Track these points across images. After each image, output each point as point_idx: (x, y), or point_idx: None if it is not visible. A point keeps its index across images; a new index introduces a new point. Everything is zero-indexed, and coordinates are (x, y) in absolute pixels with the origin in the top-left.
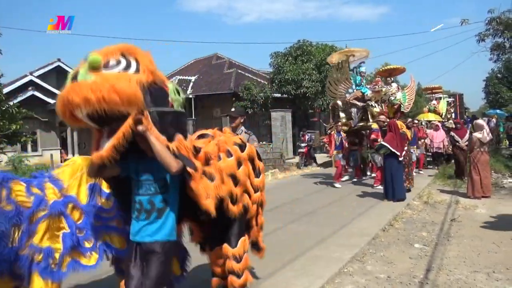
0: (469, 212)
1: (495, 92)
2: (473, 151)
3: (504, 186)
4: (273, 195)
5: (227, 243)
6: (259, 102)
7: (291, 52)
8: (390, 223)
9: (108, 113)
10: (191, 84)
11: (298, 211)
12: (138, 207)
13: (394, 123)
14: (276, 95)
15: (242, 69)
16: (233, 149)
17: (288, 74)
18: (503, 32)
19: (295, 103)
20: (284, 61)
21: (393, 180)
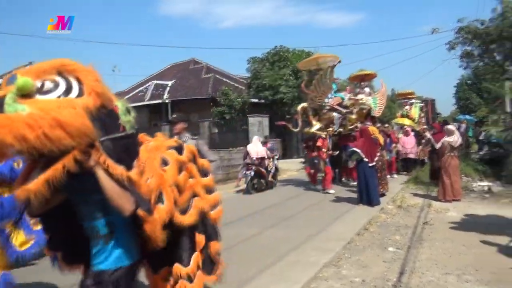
0: (441, 215)
1: (465, 98)
2: (444, 156)
3: (474, 189)
4: (252, 200)
5: (178, 261)
6: (236, 107)
7: (268, 57)
8: (365, 227)
9: (48, 149)
10: (167, 89)
11: (276, 216)
12: (86, 234)
13: (365, 128)
14: (253, 100)
15: (219, 74)
16: (168, 154)
17: (265, 80)
18: (472, 41)
19: (272, 109)
20: (262, 67)
21: (367, 185)
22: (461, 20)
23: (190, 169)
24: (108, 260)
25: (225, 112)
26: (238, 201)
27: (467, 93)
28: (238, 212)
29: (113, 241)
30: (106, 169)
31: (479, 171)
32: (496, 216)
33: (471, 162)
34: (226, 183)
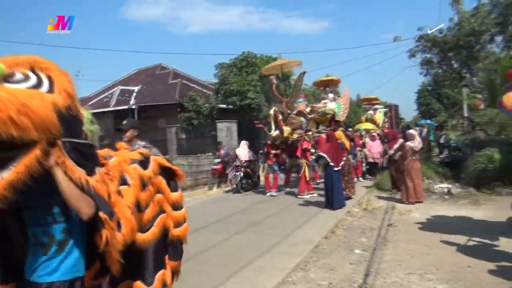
0: (404, 217)
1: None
2: (406, 159)
3: (435, 191)
4: (219, 206)
5: (140, 279)
6: (204, 112)
7: (236, 63)
8: (332, 231)
9: (7, 138)
10: (134, 94)
11: (244, 221)
12: (32, 241)
13: (332, 133)
14: (221, 106)
15: (187, 80)
16: (130, 171)
17: (233, 85)
18: (431, 49)
19: (240, 114)
20: (229, 72)
21: (333, 189)
22: (421, 29)
23: (158, 184)
24: (59, 270)
25: (193, 118)
26: (207, 207)
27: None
28: (206, 218)
29: (68, 249)
30: (65, 171)
31: (440, 174)
32: (455, 217)
33: (432, 165)
34: (194, 189)
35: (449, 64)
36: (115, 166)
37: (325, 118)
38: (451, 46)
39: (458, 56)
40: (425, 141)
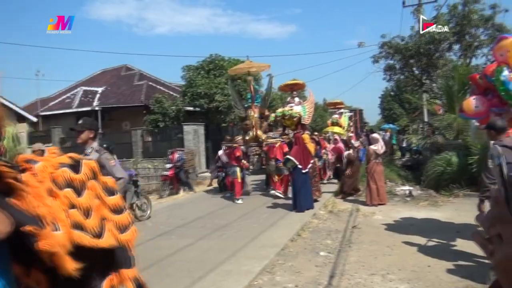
0: (368, 219)
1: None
2: (369, 163)
3: (397, 193)
4: (185, 210)
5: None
6: (171, 115)
7: (204, 66)
8: (298, 233)
9: None
10: (97, 95)
11: (210, 225)
12: None
13: (299, 136)
14: (188, 108)
15: (153, 81)
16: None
17: (200, 88)
18: (393, 55)
19: (208, 117)
20: (197, 75)
21: (301, 192)
22: (384, 36)
23: (93, 188)
24: None
25: (159, 120)
26: (172, 212)
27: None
28: (171, 222)
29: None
30: None
31: (402, 177)
32: (416, 218)
33: (395, 168)
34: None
35: (410, 70)
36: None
37: (292, 122)
38: (412, 53)
39: (419, 63)
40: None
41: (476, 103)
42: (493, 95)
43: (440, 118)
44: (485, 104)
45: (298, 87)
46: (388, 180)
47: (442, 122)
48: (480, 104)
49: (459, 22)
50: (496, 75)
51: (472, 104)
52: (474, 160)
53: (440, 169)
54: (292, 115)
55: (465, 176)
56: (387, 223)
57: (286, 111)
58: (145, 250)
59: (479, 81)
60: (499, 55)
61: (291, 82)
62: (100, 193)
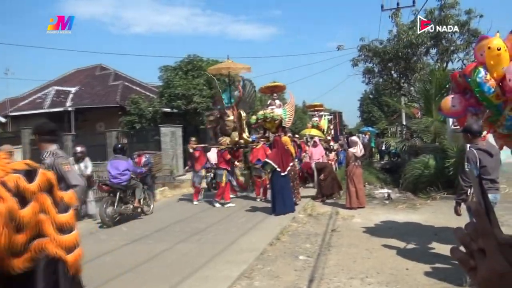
0: (347, 222)
1: (368, 111)
2: (349, 165)
3: (376, 196)
4: (162, 214)
5: None
6: (147, 116)
7: (181, 66)
8: (277, 237)
9: None
10: (70, 95)
11: (188, 229)
12: None
13: (279, 139)
14: (165, 109)
15: (129, 82)
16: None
17: (178, 89)
18: (372, 58)
19: (185, 119)
20: (174, 75)
21: (281, 195)
22: (363, 39)
23: (42, 202)
24: None
25: (135, 122)
26: (149, 216)
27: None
28: (148, 227)
29: None
30: None
31: (381, 179)
32: (394, 221)
33: (374, 170)
34: None
35: (389, 73)
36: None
37: (273, 124)
38: (390, 57)
39: (397, 66)
40: (367, 147)
41: (453, 102)
42: (471, 95)
43: (417, 122)
44: (462, 103)
45: (279, 89)
46: (367, 183)
47: (419, 126)
48: (457, 103)
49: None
50: (473, 76)
51: (449, 103)
52: (450, 163)
53: (418, 172)
54: (273, 118)
55: (442, 179)
56: (366, 226)
57: (267, 114)
58: (120, 256)
59: (458, 80)
60: (479, 55)
61: (271, 84)
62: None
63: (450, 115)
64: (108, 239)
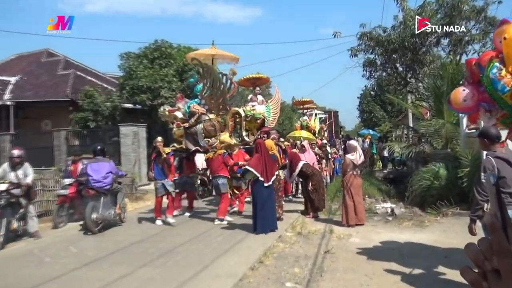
0: (343, 242)
1: (369, 111)
2: (346, 174)
3: (377, 212)
4: (121, 232)
5: None
6: (104, 113)
7: (147, 53)
8: (260, 260)
9: None
10: (10, 86)
11: (153, 250)
12: None
13: (262, 142)
14: (127, 105)
15: (82, 71)
16: None
17: (142, 80)
18: (374, 48)
19: (151, 116)
20: (138, 64)
21: (263, 210)
22: (363, 25)
23: None
24: None
25: (89, 119)
26: (103, 233)
27: (371, 105)
28: (102, 247)
29: None
30: None
31: (383, 192)
32: (398, 241)
33: (375, 181)
34: None
35: (393, 66)
36: None
37: (254, 124)
38: (395, 47)
39: (403, 59)
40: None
41: (465, 96)
42: (485, 88)
43: (427, 124)
44: (474, 97)
45: (261, 82)
46: (367, 196)
47: (429, 128)
48: (469, 98)
49: (448, 12)
50: (486, 70)
51: (461, 97)
52: (464, 173)
53: (426, 184)
54: (255, 117)
55: (454, 192)
56: (365, 247)
57: (247, 111)
58: (68, 284)
59: (473, 69)
60: (498, 42)
61: (253, 76)
62: None
63: (460, 110)
64: (53, 262)
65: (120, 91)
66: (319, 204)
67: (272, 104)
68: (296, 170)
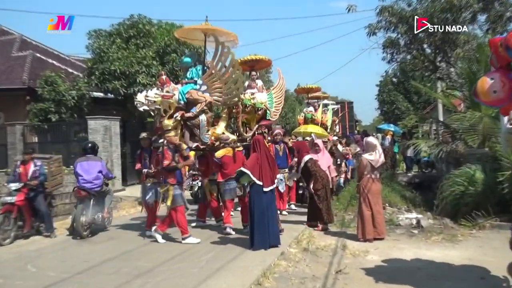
0: (359, 260)
1: (390, 101)
2: (363, 178)
3: (400, 223)
4: (89, 248)
5: None
6: (69, 104)
7: (121, 31)
8: (258, 282)
9: None
10: None
11: (128, 270)
12: None
13: (260, 139)
14: (96, 94)
15: (42, 52)
16: None
17: (115, 64)
18: (397, 26)
19: (126, 108)
20: (110, 45)
21: (262, 221)
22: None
23: None
24: None
25: (50, 111)
26: (68, 249)
27: (392, 94)
28: (67, 266)
29: None
30: None
31: (407, 199)
32: (425, 259)
33: (397, 186)
34: None
35: (420, 48)
36: None
37: (253, 116)
38: None
39: (432, 38)
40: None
41: (494, 86)
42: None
43: (460, 117)
44: (506, 86)
45: (262, 65)
46: (387, 204)
47: (463, 123)
48: (499, 88)
49: None
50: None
51: (489, 87)
52: (505, 176)
53: (459, 190)
54: (255, 107)
55: (493, 200)
56: (385, 266)
57: (246, 100)
58: None
59: (500, 51)
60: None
61: (251, 57)
62: None
63: (490, 104)
64: (8, 285)
65: (88, 77)
66: (328, 213)
67: (275, 92)
68: (301, 163)
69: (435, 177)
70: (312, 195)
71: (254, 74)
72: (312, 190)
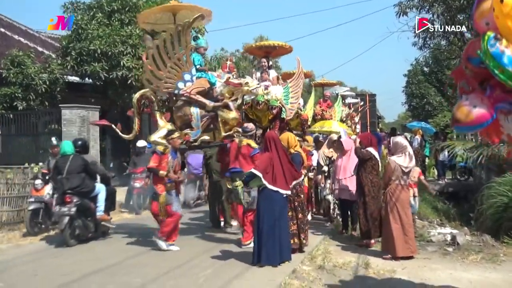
0: (384, 282)
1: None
2: (390, 185)
3: (432, 239)
4: (68, 259)
5: None
6: (39, 89)
7: (102, 4)
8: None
9: None
10: None
11: (113, 286)
12: None
13: (274, 136)
14: (72, 78)
15: (7, 28)
16: None
17: (95, 43)
18: (432, 5)
19: (107, 95)
20: (89, 20)
21: (272, 232)
22: None
23: None
24: None
25: (17, 98)
26: (46, 261)
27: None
28: (42, 280)
29: None
30: None
31: (439, 211)
32: (462, 282)
33: (428, 196)
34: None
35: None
36: None
37: (266, 114)
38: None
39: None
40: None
41: (473, 102)
42: (491, 86)
43: None
44: (484, 100)
45: (278, 53)
46: (416, 217)
47: None
48: (478, 102)
49: None
50: (483, 46)
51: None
52: None
53: (502, 201)
54: (270, 104)
55: None
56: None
57: (259, 97)
58: None
59: (466, 73)
60: (483, 25)
61: (269, 43)
62: None
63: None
64: None
65: (62, 58)
66: (374, 225)
67: (292, 86)
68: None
69: (473, 186)
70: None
71: (265, 63)
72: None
